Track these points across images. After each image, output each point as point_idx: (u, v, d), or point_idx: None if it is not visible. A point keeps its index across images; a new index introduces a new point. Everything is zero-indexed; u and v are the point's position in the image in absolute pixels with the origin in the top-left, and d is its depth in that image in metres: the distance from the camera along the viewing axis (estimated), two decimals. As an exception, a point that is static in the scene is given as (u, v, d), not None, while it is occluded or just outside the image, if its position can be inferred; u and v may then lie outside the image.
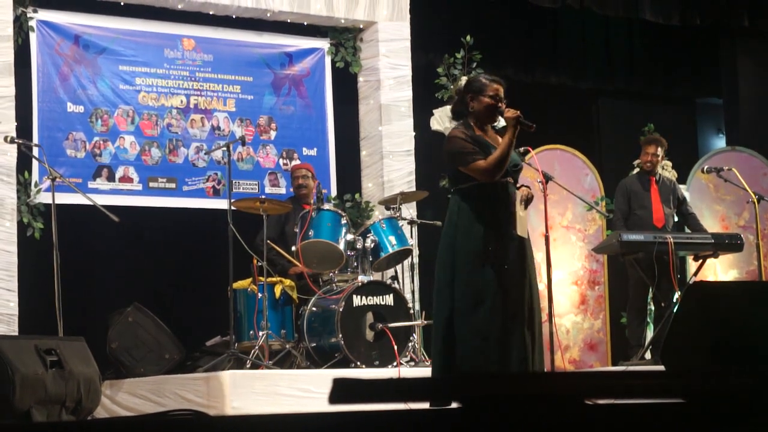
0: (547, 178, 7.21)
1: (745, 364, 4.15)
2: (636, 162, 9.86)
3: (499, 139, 5.84)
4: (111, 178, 8.88)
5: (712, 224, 10.38)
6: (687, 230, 9.12)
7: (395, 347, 7.50)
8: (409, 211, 8.77)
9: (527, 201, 5.85)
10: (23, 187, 8.40)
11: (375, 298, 7.66)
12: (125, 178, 8.93)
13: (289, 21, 9.54)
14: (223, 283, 7.69)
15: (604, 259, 10.21)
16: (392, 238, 7.97)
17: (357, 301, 7.58)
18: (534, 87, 11.14)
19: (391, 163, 9.62)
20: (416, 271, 8.28)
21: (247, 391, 6.74)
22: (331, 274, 7.86)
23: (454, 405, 1.78)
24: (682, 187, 9.66)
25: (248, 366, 7.27)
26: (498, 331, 5.52)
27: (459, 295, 5.60)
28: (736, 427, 1.87)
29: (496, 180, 5.73)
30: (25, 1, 8.60)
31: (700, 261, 8.78)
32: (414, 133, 9.74)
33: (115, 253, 8.85)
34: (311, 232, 7.73)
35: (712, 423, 1.87)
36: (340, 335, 7.42)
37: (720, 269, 10.46)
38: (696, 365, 4.25)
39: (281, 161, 9.54)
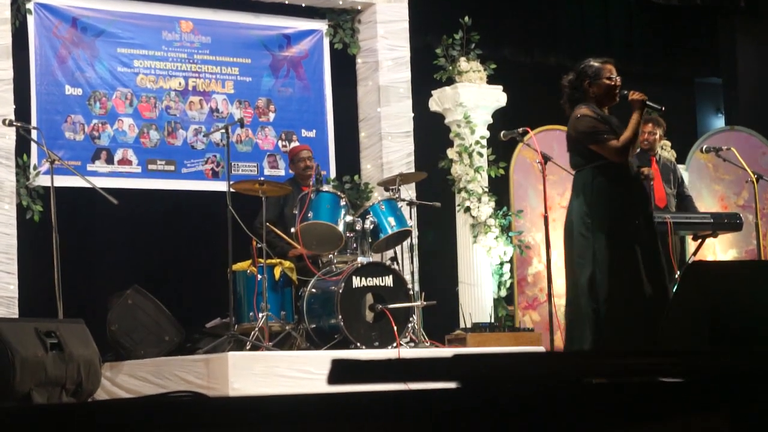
0: (546, 159, 7.22)
1: (744, 344, 4.15)
2: (634, 142, 9.84)
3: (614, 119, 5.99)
4: (110, 160, 8.88)
5: (711, 204, 10.38)
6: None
7: (395, 328, 7.51)
8: (408, 192, 8.76)
9: (646, 180, 5.99)
10: (22, 170, 8.40)
11: (374, 279, 7.66)
12: (124, 161, 8.92)
13: (287, 2, 9.52)
14: (223, 265, 7.70)
15: (603, 240, 10.20)
16: (391, 220, 7.97)
17: (356, 282, 7.58)
18: (533, 68, 11.12)
19: (390, 145, 9.61)
20: (415, 252, 8.28)
21: (247, 372, 6.75)
22: (330, 255, 7.85)
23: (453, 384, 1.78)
24: (680, 167, 9.65)
25: (248, 347, 7.28)
26: (628, 304, 5.66)
27: (590, 273, 5.71)
28: (734, 406, 1.87)
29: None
30: (23, -16, 8.59)
31: (699, 240, 8.78)
32: (413, 114, 9.73)
33: (115, 236, 8.85)
34: (310, 214, 7.72)
35: (710, 402, 1.87)
36: (340, 316, 7.42)
37: (719, 249, 10.47)
38: (694, 345, 4.25)
39: (280, 143, 9.54)
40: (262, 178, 8.26)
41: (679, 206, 9.23)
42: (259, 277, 7.65)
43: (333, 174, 9.63)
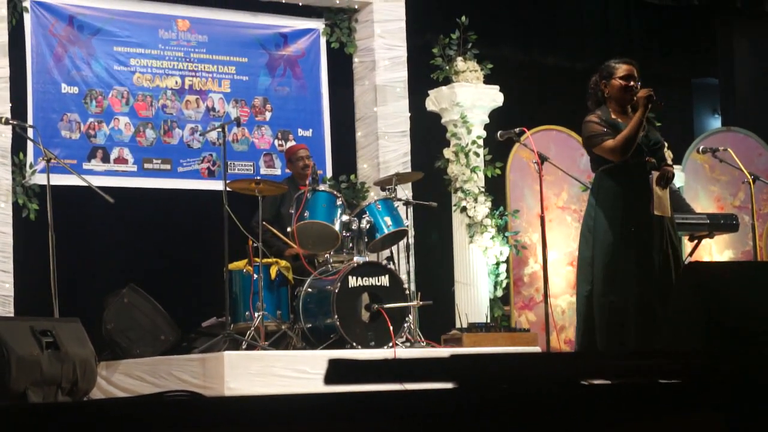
0: (542, 159, 7.21)
1: (740, 345, 4.15)
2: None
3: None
4: (106, 159, 8.87)
5: (707, 205, 10.39)
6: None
7: (391, 328, 7.50)
8: (405, 191, 8.76)
9: (666, 180, 5.88)
10: (18, 168, 8.39)
11: (370, 279, 7.66)
12: (120, 160, 8.91)
13: (284, 1, 9.51)
14: (219, 264, 7.69)
15: (599, 240, 10.19)
16: (387, 219, 7.97)
17: (353, 282, 7.58)
18: (531, 67, 11.12)
19: (387, 144, 9.61)
20: (411, 252, 8.27)
21: (243, 372, 6.75)
22: (326, 255, 7.85)
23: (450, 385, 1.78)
24: (676, 167, 9.65)
25: (244, 347, 7.27)
26: (633, 310, 5.66)
27: (597, 275, 5.73)
28: (730, 407, 1.87)
29: (633, 160, 5.81)
30: (19, -18, 8.58)
31: (696, 241, 8.78)
32: (409, 114, 9.73)
33: (111, 235, 8.84)
34: (306, 213, 7.72)
35: (706, 403, 1.87)
36: (336, 316, 7.42)
37: (715, 250, 10.47)
38: (691, 345, 4.25)
39: (276, 142, 9.53)
40: (258, 177, 8.25)
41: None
42: (255, 276, 7.65)
43: (329, 173, 9.63)
